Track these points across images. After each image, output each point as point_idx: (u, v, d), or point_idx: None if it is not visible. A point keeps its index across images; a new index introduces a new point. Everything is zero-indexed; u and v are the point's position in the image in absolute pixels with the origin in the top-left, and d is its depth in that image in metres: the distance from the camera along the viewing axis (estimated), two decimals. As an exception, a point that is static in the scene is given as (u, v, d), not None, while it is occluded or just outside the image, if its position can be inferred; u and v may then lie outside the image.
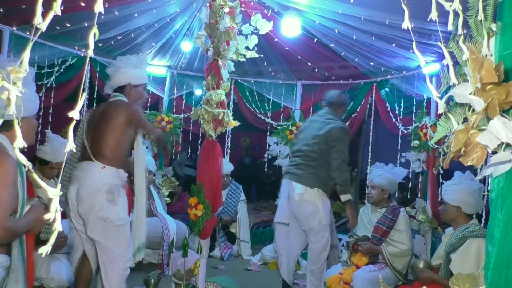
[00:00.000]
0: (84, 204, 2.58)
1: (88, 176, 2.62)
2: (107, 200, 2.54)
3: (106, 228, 2.56)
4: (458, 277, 1.19)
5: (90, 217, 2.57)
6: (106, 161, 2.64)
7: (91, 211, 2.56)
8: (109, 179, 2.63)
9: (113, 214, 2.54)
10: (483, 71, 1.00)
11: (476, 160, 1.09)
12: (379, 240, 3.49)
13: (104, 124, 2.70)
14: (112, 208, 2.55)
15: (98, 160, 2.64)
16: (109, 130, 2.68)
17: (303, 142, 3.59)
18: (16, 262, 1.86)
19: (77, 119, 0.90)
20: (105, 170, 2.63)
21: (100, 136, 2.69)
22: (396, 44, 3.84)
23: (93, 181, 2.61)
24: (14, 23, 4.01)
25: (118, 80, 2.88)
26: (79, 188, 2.60)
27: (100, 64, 5.14)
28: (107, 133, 2.68)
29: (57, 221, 0.93)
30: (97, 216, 2.54)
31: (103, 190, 2.56)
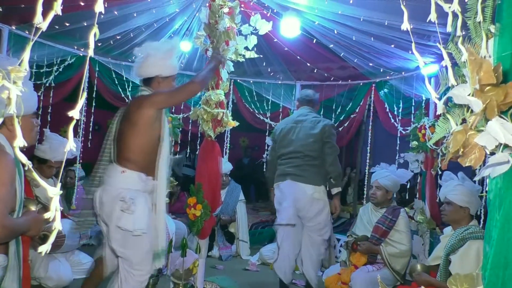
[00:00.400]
0: (104, 210, 2.42)
1: (109, 180, 2.43)
2: (121, 208, 2.32)
3: (124, 237, 2.36)
4: (456, 277, 1.20)
5: (110, 225, 2.40)
6: (127, 164, 2.42)
7: (110, 218, 2.38)
8: (129, 184, 2.39)
9: (129, 223, 2.31)
10: (482, 73, 1.00)
11: (474, 161, 1.10)
12: (378, 240, 3.50)
13: (126, 124, 2.47)
14: (128, 217, 2.32)
15: (120, 163, 2.44)
16: (130, 129, 2.44)
17: (298, 143, 3.64)
18: (12, 261, 1.86)
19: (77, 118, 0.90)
20: (125, 174, 2.41)
21: (122, 137, 2.47)
22: (395, 45, 3.85)
23: (112, 186, 2.41)
24: (13, 22, 4.01)
25: (145, 71, 2.56)
26: (101, 192, 2.44)
27: (99, 64, 5.14)
28: (128, 133, 2.44)
29: (57, 220, 0.93)
30: (115, 224, 2.36)
31: (119, 196, 2.35)
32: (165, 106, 2.55)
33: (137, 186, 2.41)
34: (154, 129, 2.46)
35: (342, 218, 6.60)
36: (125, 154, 2.43)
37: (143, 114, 2.40)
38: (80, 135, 5.09)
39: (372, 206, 3.73)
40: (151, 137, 2.46)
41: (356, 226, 3.81)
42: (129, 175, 2.40)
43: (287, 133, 3.73)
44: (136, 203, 2.33)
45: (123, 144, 2.45)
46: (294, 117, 3.85)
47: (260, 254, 4.73)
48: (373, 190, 3.66)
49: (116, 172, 2.42)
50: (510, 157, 1.09)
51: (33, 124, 1.98)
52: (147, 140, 2.45)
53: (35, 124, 2.00)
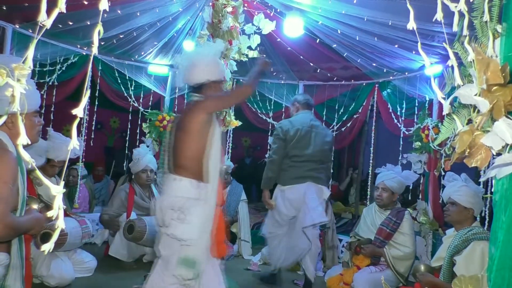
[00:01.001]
0: (159, 217, 2.39)
1: (167, 190, 2.40)
2: (171, 217, 2.29)
3: (172, 244, 2.33)
4: (461, 278, 1.19)
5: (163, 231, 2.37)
6: (180, 171, 2.38)
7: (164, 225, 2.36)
8: (182, 192, 2.34)
9: (181, 232, 2.27)
10: (489, 72, 0.99)
11: (480, 161, 1.09)
12: (382, 243, 3.47)
13: (179, 131, 2.43)
14: (180, 226, 2.27)
15: (175, 171, 2.40)
16: (183, 136, 2.40)
17: (316, 147, 3.71)
18: (15, 260, 1.86)
19: (81, 116, 0.90)
20: (178, 182, 2.36)
21: (176, 144, 2.43)
22: (398, 45, 3.83)
23: (167, 194, 2.38)
24: (16, 21, 4.01)
25: (196, 78, 2.49)
26: (159, 201, 2.42)
27: (102, 63, 5.15)
28: (182, 140, 2.41)
29: (60, 219, 0.92)
30: (168, 232, 2.32)
31: (173, 205, 2.31)
32: (216, 110, 2.52)
33: (190, 193, 2.34)
34: (205, 133, 2.40)
35: (344, 218, 6.58)
36: (178, 161, 2.40)
37: (195, 119, 2.37)
38: (83, 134, 5.09)
39: (376, 207, 3.69)
40: (202, 142, 2.39)
41: (359, 227, 3.79)
42: (181, 182, 2.36)
43: (304, 136, 3.69)
44: (191, 212, 2.28)
45: (177, 152, 2.41)
46: (308, 121, 3.78)
47: (261, 254, 4.71)
48: (379, 192, 3.61)
49: (170, 180, 2.40)
50: (516, 158, 1.08)
51: (35, 122, 1.97)
52: (199, 146, 2.38)
53: (37, 123, 1.99)
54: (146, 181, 4.31)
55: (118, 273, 3.80)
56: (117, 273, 3.81)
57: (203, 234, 2.32)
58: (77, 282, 3.41)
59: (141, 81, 5.42)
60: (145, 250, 4.18)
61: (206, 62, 2.50)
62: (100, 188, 6.23)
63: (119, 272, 3.84)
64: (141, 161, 4.24)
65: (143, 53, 5.11)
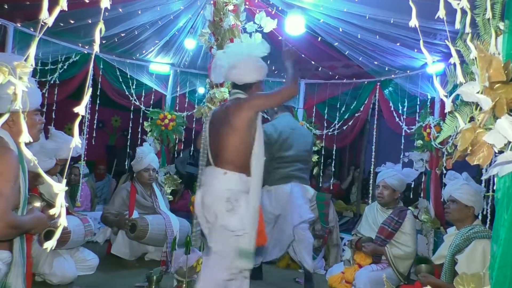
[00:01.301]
0: (209, 211, 2.46)
1: (212, 183, 2.48)
2: (226, 209, 2.38)
3: (225, 237, 2.40)
4: (463, 276, 1.19)
5: (214, 225, 2.44)
6: (228, 166, 2.47)
7: (215, 219, 2.42)
8: (232, 185, 2.45)
9: (234, 223, 2.37)
10: (492, 70, 0.99)
11: (482, 159, 1.08)
12: (384, 242, 3.47)
13: (225, 127, 2.49)
14: (232, 217, 2.37)
15: (220, 165, 2.48)
16: (230, 133, 2.47)
17: (299, 148, 3.78)
18: (17, 257, 1.86)
19: (83, 114, 0.90)
20: (227, 175, 2.45)
21: (221, 140, 2.50)
22: (400, 43, 3.83)
23: (215, 187, 2.46)
24: (18, 20, 4.01)
25: (246, 77, 2.56)
26: (203, 195, 2.50)
27: (104, 61, 5.15)
28: (228, 136, 2.48)
29: (62, 216, 0.93)
30: (219, 224, 2.40)
31: (224, 197, 2.40)
32: (263, 108, 2.62)
33: (239, 186, 2.45)
34: (251, 130, 2.50)
35: (346, 217, 6.59)
36: (225, 156, 2.47)
37: (243, 117, 2.45)
38: (85, 133, 5.10)
39: (378, 206, 3.68)
40: (248, 138, 2.50)
41: (361, 225, 3.79)
42: (231, 176, 2.45)
43: (287, 138, 3.76)
44: (241, 204, 2.40)
45: (223, 147, 2.49)
46: (289, 123, 3.87)
47: (263, 252, 4.72)
48: (380, 190, 3.61)
49: (218, 174, 2.46)
50: (519, 156, 1.08)
51: (36, 120, 1.96)
52: (245, 142, 2.48)
53: (38, 121, 1.98)
54: (148, 180, 4.31)
55: (120, 271, 3.81)
56: (119, 271, 3.82)
57: (253, 224, 2.44)
58: (79, 280, 3.42)
59: (142, 79, 5.42)
60: (147, 248, 4.19)
61: (256, 62, 2.57)
62: (102, 187, 6.25)
63: (121, 270, 3.85)
64: (144, 159, 4.24)
65: (145, 51, 5.11)
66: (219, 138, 2.51)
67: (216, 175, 2.47)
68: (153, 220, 3.97)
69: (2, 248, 1.83)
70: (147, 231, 3.84)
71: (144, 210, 4.19)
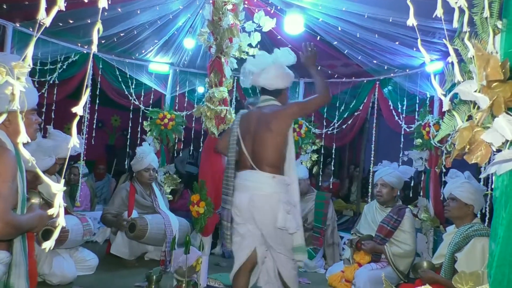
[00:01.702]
0: (261, 213, 2.58)
1: (262, 186, 2.60)
2: (286, 211, 2.53)
3: (282, 235, 2.60)
4: (462, 275, 1.19)
5: (268, 227, 2.58)
6: (274, 170, 2.62)
7: (270, 221, 2.55)
8: (281, 188, 2.61)
9: (291, 223, 2.55)
10: (489, 68, 0.99)
11: (480, 158, 1.08)
12: (383, 240, 3.48)
13: (267, 133, 2.63)
14: (290, 217, 2.55)
15: (266, 170, 2.61)
16: (272, 139, 2.62)
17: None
18: (18, 257, 1.86)
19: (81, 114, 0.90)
20: (276, 179, 2.60)
21: (265, 145, 2.63)
22: (399, 42, 3.82)
23: (267, 191, 2.59)
24: (17, 19, 4.00)
25: (277, 84, 2.71)
26: (252, 198, 2.58)
27: (103, 61, 5.15)
28: (271, 142, 2.62)
29: (61, 216, 0.93)
30: (276, 225, 2.54)
31: (280, 200, 2.55)
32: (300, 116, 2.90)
33: (285, 189, 2.63)
34: (289, 136, 2.71)
35: (346, 216, 6.59)
36: (270, 161, 2.62)
37: (284, 124, 2.65)
38: (84, 132, 5.09)
39: (377, 204, 3.70)
40: (287, 143, 2.69)
41: (360, 224, 3.80)
42: (279, 180, 2.62)
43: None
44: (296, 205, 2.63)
45: (267, 152, 2.62)
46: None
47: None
48: (378, 188, 3.62)
49: (267, 179, 2.60)
50: (516, 154, 1.08)
51: (32, 120, 1.96)
52: (285, 146, 2.68)
53: (35, 121, 1.98)
54: (148, 180, 4.31)
55: (119, 271, 3.81)
56: (118, 271, 3.82)
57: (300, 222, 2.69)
58: (79, 280, 3.42)
59: (142, 79, 5.41)
60: (146, 248, 4.19)
61: (285, 70, 2.73)
62: (101, 187, 6.24)
63: (121, 270, 3.86)
64: (145, 159, 4.24)
65: (144, 51, 5.11)
66: (262, 144, 2.63)
67: (265, 179, 2.59)
68: (152, 219, 3.97)
69: (0, 248, 1.83)
70: (147, 230, 3.84)
71: (143, 210, 4.19)
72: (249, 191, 2.60)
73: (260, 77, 2.70)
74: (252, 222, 2.63)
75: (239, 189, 2.66)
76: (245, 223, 2.66)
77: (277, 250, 2.63)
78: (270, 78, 2.68)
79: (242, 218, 2.66)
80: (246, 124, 2.73)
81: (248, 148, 2.66)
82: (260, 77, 2.71)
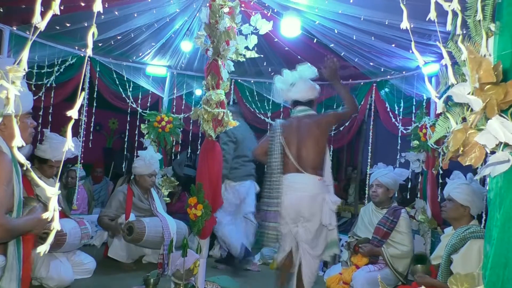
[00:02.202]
0: (309, 212, 2.91)
1: (309, 188, 2.94)
2: (330, 209, 2.91)
3: (321, 231, 2.96)
4: (457, 276, 1.19)
5: (313, 224, 2.91)
6: (317, 172, 2.99)
7: (316, 217, 2.91)
8: (324, 189, 2.99)
9: (332, 220, 2.95)
10: (481, 71, 1.00)
11: (474, 160, 1.09)
12: (380, 242, 3.49)
13: (310, 139, 3.00)
14: (333, 216, 2.95)
15: (313, 172, 2.96)
16: (315, 145, 2.99)
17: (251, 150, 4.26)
18: (11, 260, 1.85)
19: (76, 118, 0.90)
20: (321, 181, 2.98)
21: (309, 150, 2.99)
22: (395, 45, 3.83)
23: (314, 192, 2.93)
24: (14, 23, 4.00)
25: (310, 95, 3.15)
26: (301, 197, 2.91)
27: (100, 64, 5.15)
28: (314, 148, 2.99)
29: (56, 220, 0.93)
30: (321, 222, 2.91)
31: (324, 200, 2.92)
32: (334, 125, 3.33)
33: (326, 189, 3.01)
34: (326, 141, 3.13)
35: (344, 218, 6.60)
36: (315, 165, 2.99)
37: (324, 132, 3.07)
38: (81, 135, 5.08)
39: (373, 206, 3.72)
40: (326, 148, 3.12)
41: (357, 227, 3.81)
42: (322, 181, 3.01)
43: (246, 140, 4.37)
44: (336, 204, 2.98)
45: (311, 157, 2.99)
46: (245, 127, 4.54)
47: (261, 254, 4.73)
48: (373, 189, 3.65)
49: (313, 180, 2.96)
50: (510, 156, 1.09)
51: (27, 124, 1.97)
52: (325, 151, 3.09)
53: (30, 124, 1.98)
54: (150, 185, 4.31)
55: (117, 274, 3.81)
56: (116, 274, 3.82)
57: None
58: (76, 284, 3.42)
59: (139, 82, 5.41)
60: (144, 251, 4.19)
61: (312, 82, 3.19)
62: (99, 190, 6.23)
63: (119, 273, 3.85)
64: (153, 165, 4.25)
65: (141, 54, 5.11)
66: (307, 149, 3.00)
67: (312, 181, 2.95)
68: (150, 222, 3.96)
69: None
70: (144, 233, 3.84)
71: (141, 213, 4.18)
72: (297, 191, 2.93)
73: (291, 92, 3.15)
74: (295, 221, 2.95)
75: (286, 190, 2.96)
76: (288, 223, 2.97)
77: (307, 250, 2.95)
78: (303, 91, 3.11)
79: (288, 218, 2.96)
80: (289, 131, 3.07)
81: (293, 153, 2.99)
82: (290, 92, 3.15)
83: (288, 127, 3.10)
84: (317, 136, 2.99)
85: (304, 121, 3.07)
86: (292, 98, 3.19)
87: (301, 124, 3.06)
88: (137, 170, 4.24)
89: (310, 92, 3.14)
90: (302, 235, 2.94)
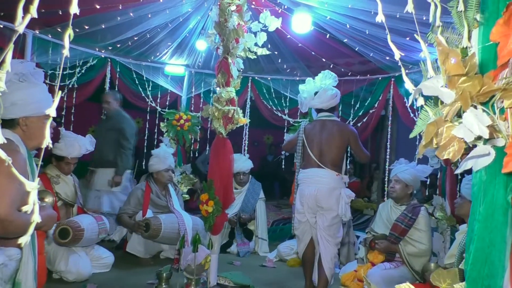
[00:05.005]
0: (326, 202, 3.24)
1: (327, 181, 3.28)
2: (346, 202, 3.26)
3: (337, 221, 3.31)
4: (439, 272, 1.17)
5: (330, 213, 3.25)
6: (338, 169, 3.34)
7: (333, 208, 3.24)
8: (341, 184, 3.34)
9: (348, 213, 3.33)
10: (448, 63, 0.97)
11: (452, 153, 1.07)
12: (397, 239, 3.42)
13: (333, 140, 3.34)
14: (348, 208, 3.30)
15: (332, 168, 3.31)
16: (337, 146, 3.34)
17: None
18: (26, 254, 1.93)
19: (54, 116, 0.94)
20: (339, 177, 3.33)
21: (332, 150, 3.33)
22: (410, 38, 3.75)
23: (331, 185, 3.27)
24: (36, 27, 4.16)
25: (333, 102, 3.42)
26: (320, 189, 3.25)
27: (120, 65, 5.28)
28: (336, 148, 3.34)
29: (35, 213, 0.98)
30: (338, 213, 3.24)
31: (341, 193, 3.26)
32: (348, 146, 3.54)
33: (343, 185, 3.36)
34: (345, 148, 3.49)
35: (366, 215, 6.51)
36: (335, 162, 3.34)
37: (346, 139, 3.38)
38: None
39: (391, 202, 3.65)
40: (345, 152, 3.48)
41: (375, 223, 3.75)
42: (340, 177, 3.35)
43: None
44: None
45: (331, 155, 3.33)
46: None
47: (277, 250, 4.73)
48: (392, 184, 3.59)
49: (333, 175, 3.30)
50: (492, 150, 1.06)
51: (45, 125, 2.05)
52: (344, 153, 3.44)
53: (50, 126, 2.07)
54: (167, 180, 4.39)
55: (134, 269, 3.90)
56: (133, 269, 3.91)
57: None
58: (94, 278, 3.53)
59: (158, 81, 5.53)
60: (162, 246, 4.27)
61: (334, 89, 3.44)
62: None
63: (136, 268, 3.95)
64: (168, 159, 4.34)
65: (159, 54, 5.21)
66: (329, 147, 3.33)
67: (332, 176, 3.29)
68: (166, 219, 4.04)
69: (11, 245, 1.91)
70: (161, 230, 3.92)
71: (158, 209, 4.27)
72: (316, 184, 3.27)
73: (315, 101, 3.40)
74: (314, 211, 3.29)
75: (307, 182, 3.32)
76: (305, 212, 3.32)
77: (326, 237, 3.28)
78: (326, 101, 3.37)
79: (306, 207, 3.30)
80: (312, 131, 3.42)
81: (313, 150, 3.34)
82: (314, 101, 3.40)
83: (312, 128, 3.46)
84: (338, 141, 3.33)
85: (327, 124, 3.40)
86: (316, 107, 3.46)
87: (325, 126, 3.39)
88: (154, 167, 4.33)
89: (332, 101, 3.40)
90: (320, 223, 3.27)
